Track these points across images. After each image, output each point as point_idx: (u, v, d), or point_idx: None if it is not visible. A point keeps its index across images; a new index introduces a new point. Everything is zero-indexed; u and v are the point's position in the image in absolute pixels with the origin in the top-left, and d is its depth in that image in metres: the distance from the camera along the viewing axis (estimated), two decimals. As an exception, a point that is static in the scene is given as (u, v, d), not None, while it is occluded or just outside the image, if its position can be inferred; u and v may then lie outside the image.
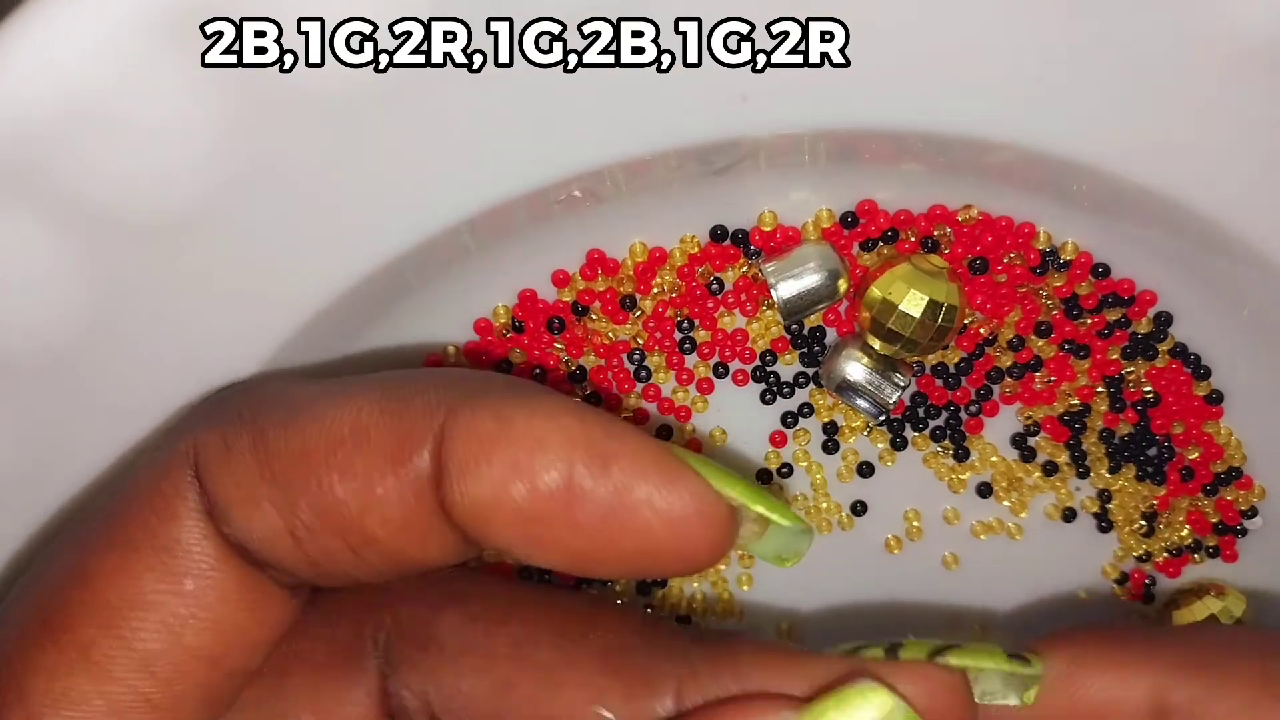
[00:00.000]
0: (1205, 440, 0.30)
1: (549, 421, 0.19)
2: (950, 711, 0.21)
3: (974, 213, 0.26)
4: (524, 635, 0.22)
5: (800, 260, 0.26)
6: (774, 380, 0.28)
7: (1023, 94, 0.23)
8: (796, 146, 0.24)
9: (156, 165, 0.20)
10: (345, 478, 0.20)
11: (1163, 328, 0.28)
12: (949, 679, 0.21)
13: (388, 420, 0.20)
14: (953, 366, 0.28)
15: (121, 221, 0.21)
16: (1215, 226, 0.25)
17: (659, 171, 0.24)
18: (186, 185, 0.21)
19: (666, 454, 0.20)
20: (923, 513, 0.30)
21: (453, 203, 0.22)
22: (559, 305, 0.27)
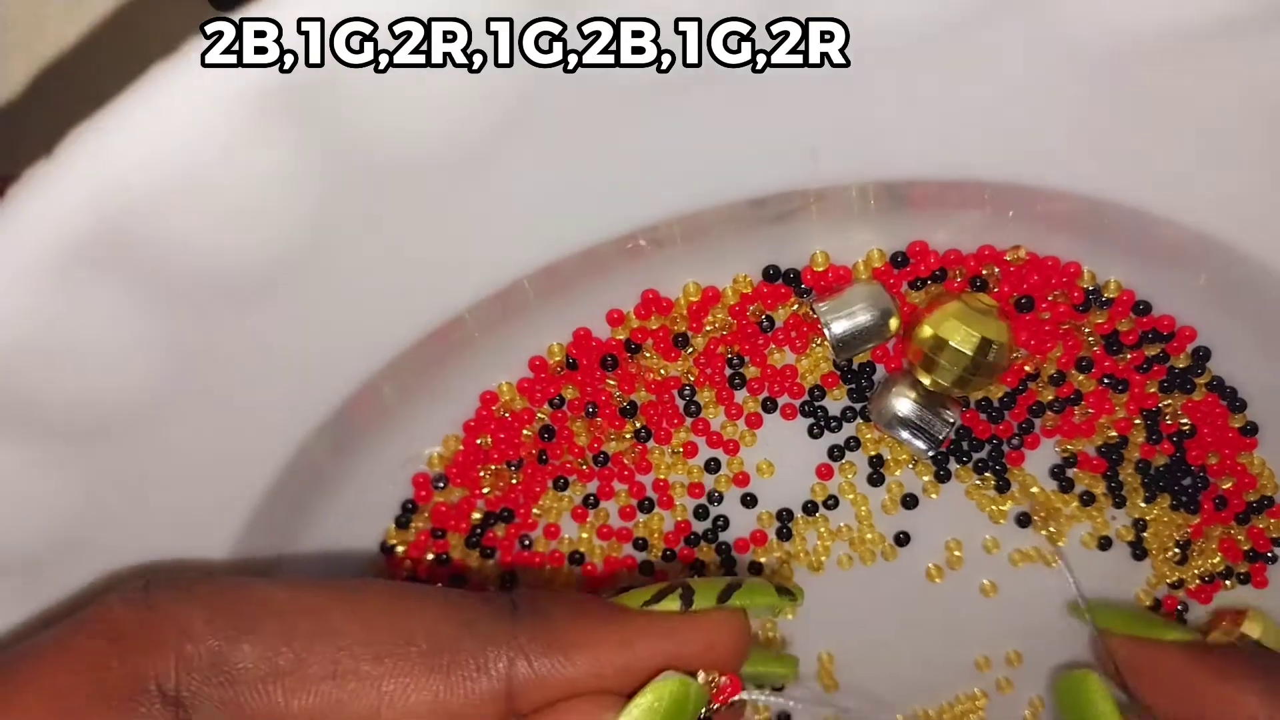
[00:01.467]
0: (1239, 470, 0.30)
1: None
2: (735, 648, 0.24)
3: (1022, 253, 0.27)
4: (340, 650, 0.22)
5: (852, 299, 0.26)
6: (822, 414, 0.29)
7: (1072, 143, 0.23)
8: (851, 195, 0.25)
9: (245, 236, 0.20)
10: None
11: (1201, 362, 0.29)
12: (733, 621, 0.24)
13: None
14: (996, 401, 0.29)
15: (206, 288, 0.21)
16: (1258, 266, 0.26)
17: (714, 219, 0.24)
18: (272, 251, 0.21)
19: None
20: (964, 542, 0.31)
21: (517, 260, 0.23)
22: (613, 343, 0.27)
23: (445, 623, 0.23)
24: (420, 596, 0.23)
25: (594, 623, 0.23)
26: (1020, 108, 0.23)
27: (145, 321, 0.21)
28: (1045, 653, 0.33)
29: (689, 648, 0.24)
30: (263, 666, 0.21)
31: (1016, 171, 0.24)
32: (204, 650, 0.21)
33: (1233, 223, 0.25)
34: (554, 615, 0.23)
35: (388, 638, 0.22)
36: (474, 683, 0.22)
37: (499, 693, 0.22)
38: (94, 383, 0.22)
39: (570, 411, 0.28)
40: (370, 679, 0.22)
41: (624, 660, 0.23)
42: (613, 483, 0.29)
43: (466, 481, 0.29)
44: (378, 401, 0.26)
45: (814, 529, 0.30)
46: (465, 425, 0.28)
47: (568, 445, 0.28)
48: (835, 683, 0.33)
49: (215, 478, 0.24)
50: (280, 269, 0.21)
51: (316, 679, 0.22)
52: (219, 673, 0.21)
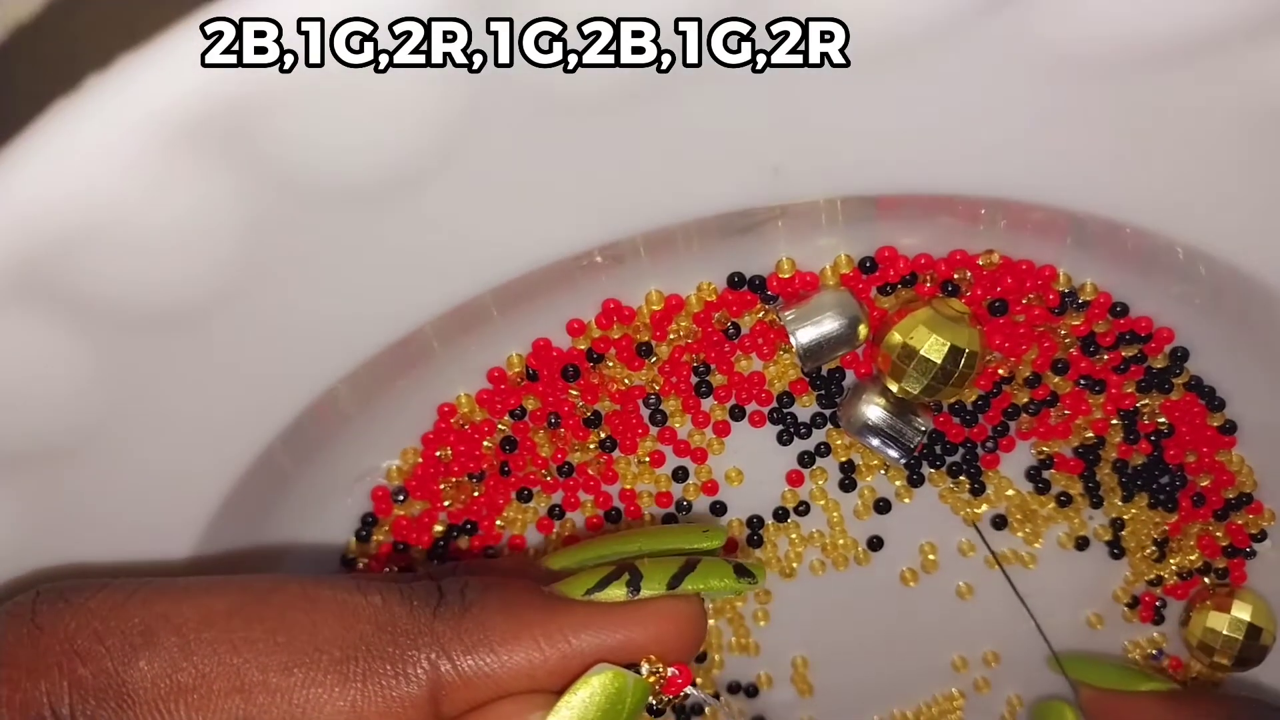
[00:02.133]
0: (1217, 468, 0.30)
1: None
2: (687, 638, 0.22)
3: (995, 258, 0.26)
4: (246, 662, 0.20)
5: (819, 307, 0.26)
6: (791, 421, 0.28)
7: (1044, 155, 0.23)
8: (819, 206, 0.24)
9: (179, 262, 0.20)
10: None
11: (1179, 362, 0.28)
12: (685, 610, 0.23)
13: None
14: (970, 405, 0.28)
15: (141, 319, 0.20)
16: (1236, 270, 0.25)
17: (680, 234, 0.24)
18: (207, 278, 0.20)
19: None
20: (938, 546, 0.30)
21: (477, 277, 0.22)
22: (573, 353, 0.26)
23: (359, 625, 0.21)
24: (333, 596, 0.22)
25: (527, 615, 0.22)
26: (992, 121, 0.22)
27: (77, 352, 0.20)
28: (1023, 653, 0.32)
29: (634, 641, 0.22)
30: (161, 685, 0.20)
31: (988, 185, 0.23)
32: (97, 671, 0.20)
33: (1212, 231, 0.24)
34: (483, 607, 0.22)
35: (297, 646, 0.21)
36: (393, 689, 0.21)
37: (421, 697, 0.21)
38: (29, 415, 0.21)
39: (532, 422, 0.27)
40: (280, 692, 0.20)
41: (559, 656, 0.21)
42: (578, 493, 0.28)
43: (427, 494, 0.28)
44: (335, 415, 0.25)
45: (785, 535, 0.30)
46: (424, 438, 0.27)
47: (530, 456, 0.28)
48: (810, 687, 0.32)
49: (165, 494, 0.24)
50: (217, 296, 0.21)
51: (221, 694, 0.20)
52: (114, 694, 0.20)
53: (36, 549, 0.23)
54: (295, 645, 0.21)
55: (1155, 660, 0.33)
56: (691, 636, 0.23)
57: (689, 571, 0.23)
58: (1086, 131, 0.22)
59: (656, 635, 0.22)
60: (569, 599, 0.23)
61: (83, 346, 0.20)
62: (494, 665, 0.21)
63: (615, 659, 0.22)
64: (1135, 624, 0.32)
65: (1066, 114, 0.22)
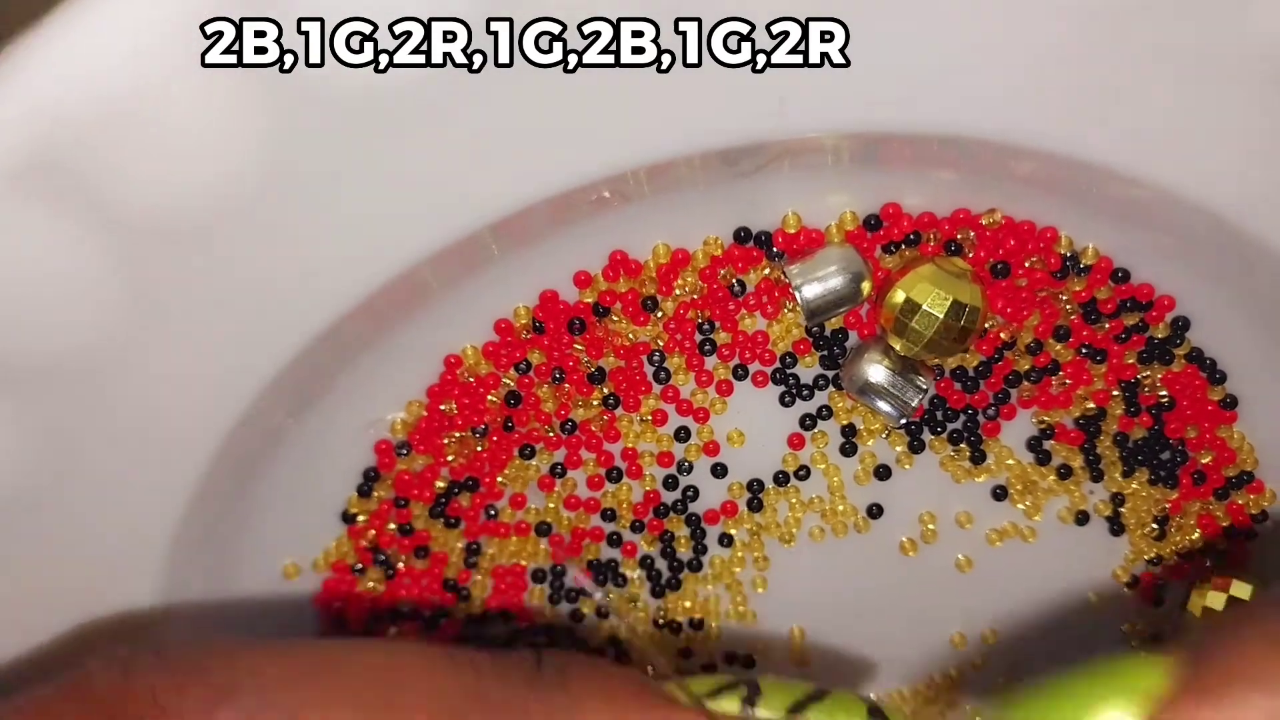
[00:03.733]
0: (1218, 444, 0.30)
1: None
2: None
3: (997, 216, 0.26)
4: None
5: (824, 262, 0.26)
6: (794, 382, 0.28)
7: (1047, 99, 0.23)
8: (823, 149, 0.24)
9: (188, 169, 0.20)
10: None
11: (1180, 332, 0.28)
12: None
13: None
14: (971, 370, 0.28)
15: (150, 223, 0.20)
16: (1237, 231, 0.25)
17: (683, 172, 0.24)
18: (219, 189, 0.20)
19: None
20: (938, 515, 0.30)
21: (479, 207, 0.22)
22: (580, 306, 0.27)
23: (448, 693, 0.20)
24: (422, 660, 0.21)
25: (627, 706, 0.21)
26: (998, 59, 0.22)
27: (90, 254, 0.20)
28: (1020, 631, 0.32)
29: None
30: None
31: (993, 126, 0.23)
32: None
33: (1216, 186, 0.24)
34: (582, 688, 0.21)
35: (383, 709, 0.20)
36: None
37: None
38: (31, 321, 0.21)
39: (537, 377, 0.27)
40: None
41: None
42: (580, 451, 0.29)
43: (430, 449, 0.28)
44: (337, 362, 0.26)
45: (785, 500, 0.30)
46: (429, 390, 0.27)
47: (534, 412, 0.28)
48: (807, 659, 0.32)
49: (162, 434, 0.24)
50: (230, 208, 0.21)
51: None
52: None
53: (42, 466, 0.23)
54: (381, 709, 0.20)
55: (1154, 642, 0.33)
56: None
57: (815, 700, 0.21)
58: (1096, 74, 0.22)
59: None
60: (675, 700, 0.21)
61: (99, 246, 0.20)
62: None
63: None
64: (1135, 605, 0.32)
65: (1075, 54, 0.22)
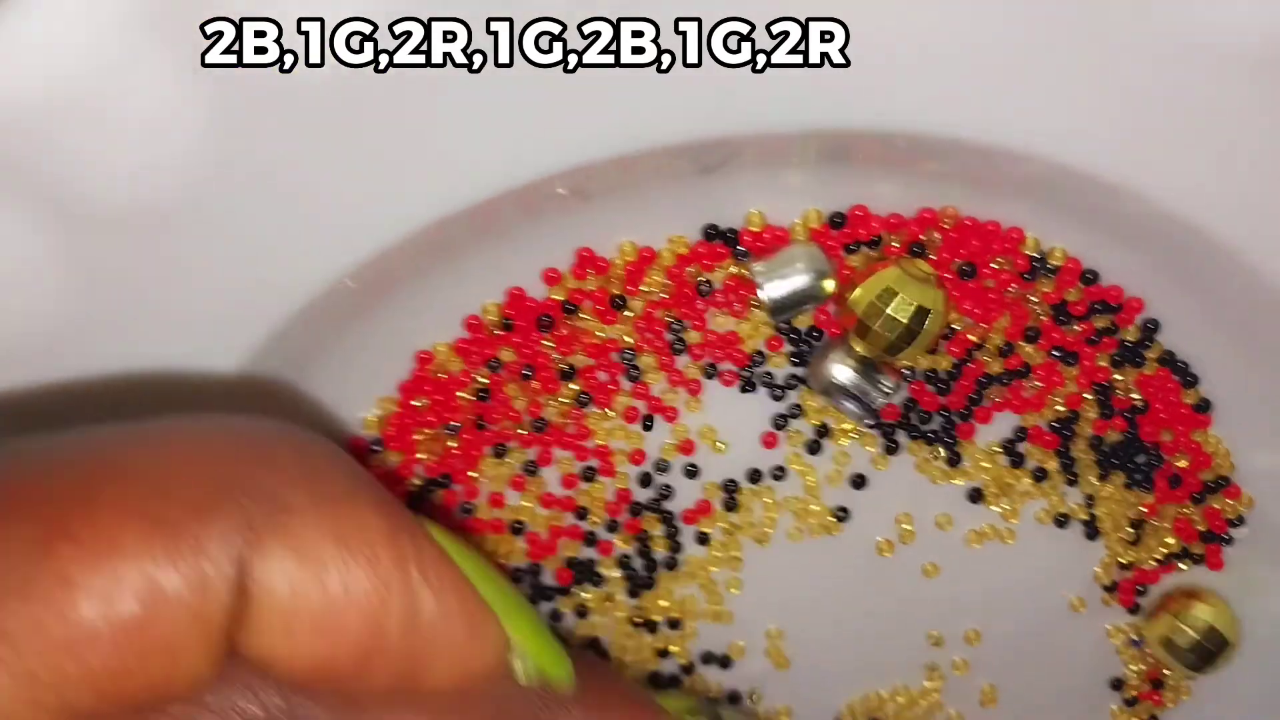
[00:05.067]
0: (1194, 448, 0.30)
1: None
2: None
3: (951, 214, 0.26)
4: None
5: (788, 260, 0.26)
6: (766, 380, 0.28)
7: (1017, 100, 0.23)
8: (786, 146, 0.24)
9: (139, 158, 0.20)
10: None
11: (1149, 334, 0.28)
12: None
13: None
14: (944, 372, 0.28)
15: (101, 213, 0.21)
16: (1205, 234, 0.25)
17: (647, 169, 0.24)
18: (169, 178, 0.21)
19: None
20: (914, 516, 0.30)
21: (439, 197, 0.22)
22: (549, 303, 0.27)
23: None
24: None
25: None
26: (969, 59, 0.22)
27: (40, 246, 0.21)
28: (1002, 634, 0.32)
29: None
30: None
31: (961, 127, 0.23)
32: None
33: (1184, 190, 0.25)
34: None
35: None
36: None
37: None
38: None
39: (507, 374, 0.28)
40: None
41: None
42: (552, 449, 0.29)
43: (403, 446, 0.28)
44: (302, 358, 0.26)
45: (759, 500, 0.30)
46: (401, 386, 0.28)
47: (505, 410, 0.28)
48: (785, 660, 0.32)
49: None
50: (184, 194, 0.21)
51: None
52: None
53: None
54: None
55: (1136, 647, 0.32)
56: None
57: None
58: (1067, 76, 0.22)
59: None
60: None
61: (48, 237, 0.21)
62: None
63: None
64: (1116, 609, 0.32)
65: (1045, 56, 0.22)
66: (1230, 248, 0.26)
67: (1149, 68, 0.23)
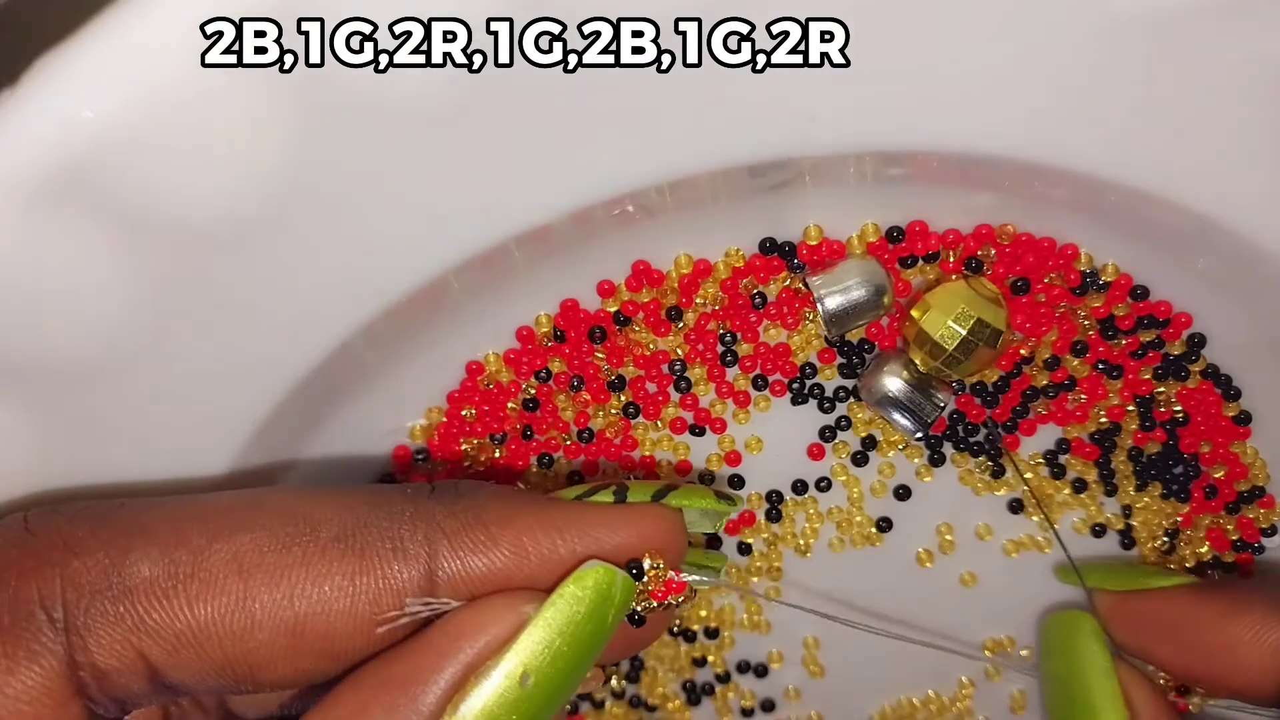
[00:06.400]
0: (1231, 459, 0.30)
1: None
2: (669, 542, 0.23)
3: (1009, 231, 0.26)
4: (242, 547, 0.21)
5: (847, 274, 0.26)
6: (814, 393, 0.28)
7: (1072, 119, 0.23)
8: (847, 163, 0.24)
9: (219, 178, 0.20)
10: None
11: (1195, 349, 0.28)
12: (668, 515, 0.23)
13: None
14: (991, 385, 0.28)
15: (179, 232, 0.20)
16: (1257, 250, 0.25)
17: (710, 185, 0.24)
18: (248, 198, 0.20)
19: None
20: (955, 527, 0.30)
21: (505, 219, 0.22)
22: (601, 315, 0.27)
23: (355, 507, 0.22)
24: (325, 488, 0.22)
25: (519, 505, 0.22)
26: (1025, 81, 0.22)
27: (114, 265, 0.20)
28: (1034, 641, 0.32)
29: (621, 537, 0.22)
30: (159, 572, 0.20)
31: (1017, 146, 0.23)
32: (91, 564, 0.20)
33: (1236, 206, 0.25)
34: (476, 493, 0.22)
35: (293, 525, 0.21)
36: (389, 563, 0.21)
37: (418, 577, 0.21)
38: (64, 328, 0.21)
39: (556, 385, 0.28)
40: (279, 570, 0.21)
41: (550, 544, 0.22)
42: (598, 459, 0.29)
43: (448, 454, 0.28)
44: (358, 366, 0.26)
45: (803, 510, 0.30)
46: (449, 396, 0.28)
47: (553, 420, 0.28)
48: (821, 668, 0.32)
49: (182, 438, 0.24)
50: (257, 217, 0.21)
51: (220, 577, 0.20)
52: (110, 587, 0.20)
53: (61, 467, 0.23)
54: (292, 525, 0.21)
55: None
56: (676, 541, 0.23)
57: (672, 489, 0.24)
58: (1121, 94, 0.22)
59: (642, 534, 0.23)
60: (561, 499, 0.23)
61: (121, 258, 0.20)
62: (488, 547, 0.21)
63: (604, 556, 0.22)
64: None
65: (1100, 75, 0.22)
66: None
67: (1203, 86, 0.23)
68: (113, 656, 0.20)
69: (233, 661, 0.21)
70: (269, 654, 0.21)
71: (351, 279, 0.23)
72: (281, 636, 0.21)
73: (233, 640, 0.20)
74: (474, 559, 0.21)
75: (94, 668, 0.20)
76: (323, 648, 0.21)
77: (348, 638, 0.21)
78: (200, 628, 0.20)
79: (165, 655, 0.20)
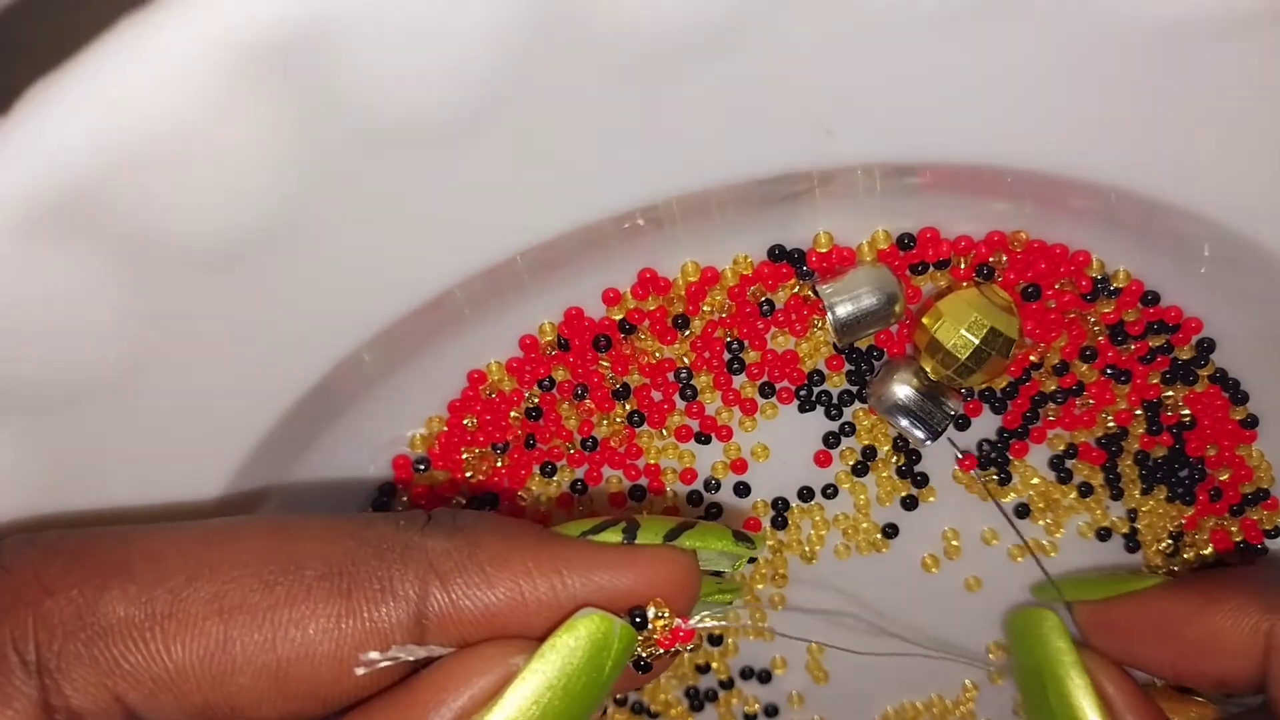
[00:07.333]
0: (1236, 462, 0.30)
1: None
2: (679, 589, 0.21)
3: (1023, 237, 0.26)
4: (224, 585, 0.19)
5: (857, 283, 0.26)
6: (821, 399, 0.28)
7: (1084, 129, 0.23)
8: (859, 173, 0.24)
9: (217, 201, 0.19)
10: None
11: (1204, 354, 0.28)
12: (679, 560, 0.22)
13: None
14: (999, 391, 0.28)
15: (179, 256, 0.20)
16: (1269, 255, 0.25)
17: (719, 196, 0.23)
18: (247, 220, 0.20)
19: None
20: (961, 532, 0.30)
21: (514, 235, 0.22)
22: (605, 323, 0.26)
23: (343, 542, 0.20)
24: (313, 518, 0.21)
25: (520, 541, 0.21)
26: (1035, 91, 0.22)
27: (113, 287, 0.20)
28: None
29: (626, 582, 0.21)
30: (136, 613, 0.19)
31: (1030, 158, 0.23)
32: (65, 603, 0.19)
33: (1247, 213, 0.24)
34: (474, 528, 0.21)
35: (278, 563, 0.20)
36: (377, 605, 0.20)
37: (407, 619, 0.20)
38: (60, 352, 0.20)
39: (559, 394, 0.27)
40: (262, 611, 0.19)
41: (548, 588, 0.20)
42: (602, 468, 0.28)
43: (449, 463, 0.27)
44: (360, 378, 0.25)
45: (809, 517, 0.29)
46: (450, 405, 0.27)
47: (555, 429, 0.27)
48: (824, 674, 0.32)
49: (185, 451, 0.23)
50: (258, 237, 0.20)
51: (200, 619, 0.19)
52: (85, 627, 0.19)
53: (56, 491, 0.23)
54: (275, 562, 0.20)
55: None
56: (687, 589, 0.22)
57: (686, 529, 0.22)
58: (1131, 104, 0.22)
59: (650, 581, 0.21)
60: (564, 536, 0.22)
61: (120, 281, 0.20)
62: (482, 589, 0.20)
63: (606, 602, 0.21)
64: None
65: (1112, 85, 0.22)
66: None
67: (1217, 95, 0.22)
68: (88, 699, 0.19)
69: (212, 705, 0.20)
70: (250, 698, 0.20)
71: (353, 299, 0.22)
72: (264, 680, 0.20)
73: (212, 684, 0.19)
74: (467, 601, 0.20)
75: (69, 710, 0.19)
76: (307, 691, 0.20)
77: (333, 682, 0.20)
78: (179, 671, 0.19)
79: (142, 698, 0.19)
